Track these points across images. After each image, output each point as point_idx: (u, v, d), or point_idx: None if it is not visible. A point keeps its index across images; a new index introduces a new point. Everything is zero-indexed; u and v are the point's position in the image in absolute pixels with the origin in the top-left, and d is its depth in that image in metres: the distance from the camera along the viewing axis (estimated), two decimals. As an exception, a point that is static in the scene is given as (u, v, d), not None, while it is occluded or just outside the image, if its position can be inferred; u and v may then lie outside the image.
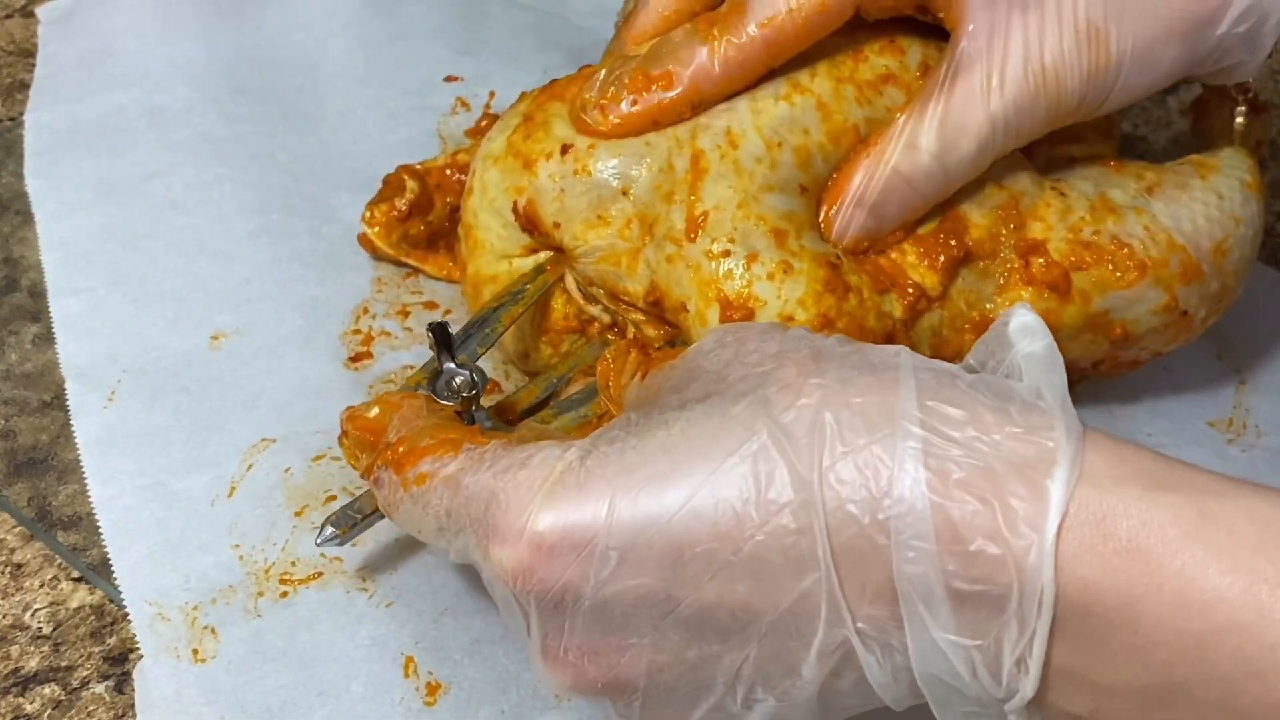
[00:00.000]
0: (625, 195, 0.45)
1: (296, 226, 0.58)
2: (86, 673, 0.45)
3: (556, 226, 0.46)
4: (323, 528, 0.43)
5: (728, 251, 0.43)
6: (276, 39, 0.67)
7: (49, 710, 0.43)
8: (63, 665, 0.45)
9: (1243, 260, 0.49)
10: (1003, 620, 0.31)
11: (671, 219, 0.44)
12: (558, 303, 0.49)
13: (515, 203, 0.46)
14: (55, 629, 0.46)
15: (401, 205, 0.56)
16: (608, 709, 0.36)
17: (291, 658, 0.43)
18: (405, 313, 0.55)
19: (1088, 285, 0.46)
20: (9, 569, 0.47)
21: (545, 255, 0.48)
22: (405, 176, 0.57)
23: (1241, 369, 0.56)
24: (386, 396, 0.42)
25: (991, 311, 0.46)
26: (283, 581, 0.45)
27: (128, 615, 0.44)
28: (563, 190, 0.45)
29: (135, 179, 0.59)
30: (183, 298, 0.54)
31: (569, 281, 0.48)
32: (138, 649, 0.43)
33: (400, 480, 0.38)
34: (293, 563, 0.46)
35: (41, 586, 0.47)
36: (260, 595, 0.45)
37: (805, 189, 0.45)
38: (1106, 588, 0.30)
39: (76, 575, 0.47)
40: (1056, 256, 0.46)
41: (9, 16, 0.71)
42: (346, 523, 0.43)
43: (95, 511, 0.47)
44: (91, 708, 0.44)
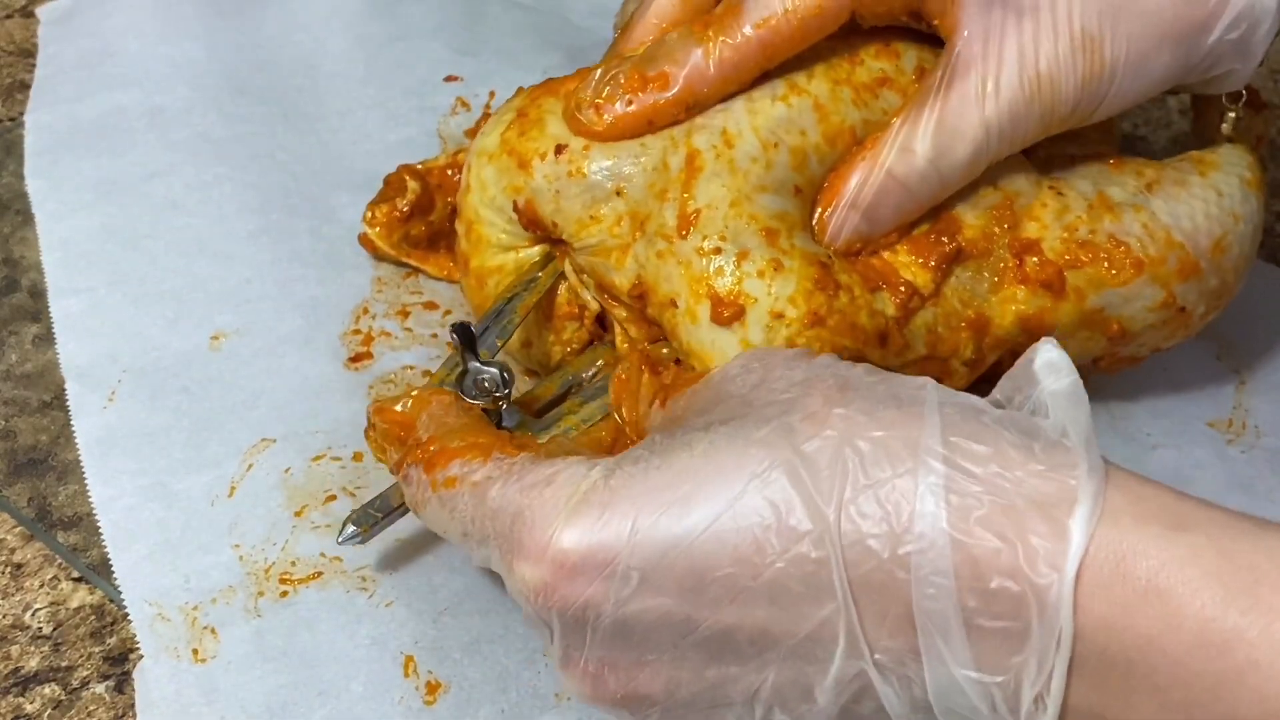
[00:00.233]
0: (619, 195, 0.45)
1: (296, 226, 0.58)
2: (86, 673, 0.45)
3: (555, 224, 0.46)
4: (344, 527, 0.43)
5: (719, 249, 0.43)
6: (276, 39, 0.67)
7: (49, 710, 0.44)
8: (63, 665, 0.45)
9: (1242, 257, 0.49)
10: (1022, 657, 0.31)
11: (664, 215, 0.44)
12: (561, 289, 0.49)
13: (515, 201, 0.46)
14: (55, 629, 0.46)
15: (403, 205, 0.56)
16: (625, 718, 0.37)
17: (291, 657, 0.43)
18: (405, 313, 0.55)
19: (1082, 283, 0.46)
20: (9, 569, 0.48)
21: (548, 245, 0.48)
22: (406, 176, 0.57)
23: (1241, 369, 0.56)
24: (417, 392, 0.42)
25: (987, 310, 0.46)
26: (283, 581, 0.45)
27: (128, 615, 0.44)
28: (558, 192, 0.45)
29: (135, 179, 0.59)
30: (183, 298, 0.54)
31: (568, 268, 0.48)
32: (138, 649, 0.43)
33: (429, 480, 0.38)
34: (293, 562, 0.46)
35: (41, 586, 0.47)
36: (260, 595, 0.45)
37: (800, 190, 0.45)
38: (1125, 627, 0.30)
39: (76, 575, 0.47)
40: (1051, 255, 0.46)
41: (9, 16, 0.71)
42: (368, 521, 0.43)
43: (95, 511, 0.47)
44: (91, 708, 0.44)
